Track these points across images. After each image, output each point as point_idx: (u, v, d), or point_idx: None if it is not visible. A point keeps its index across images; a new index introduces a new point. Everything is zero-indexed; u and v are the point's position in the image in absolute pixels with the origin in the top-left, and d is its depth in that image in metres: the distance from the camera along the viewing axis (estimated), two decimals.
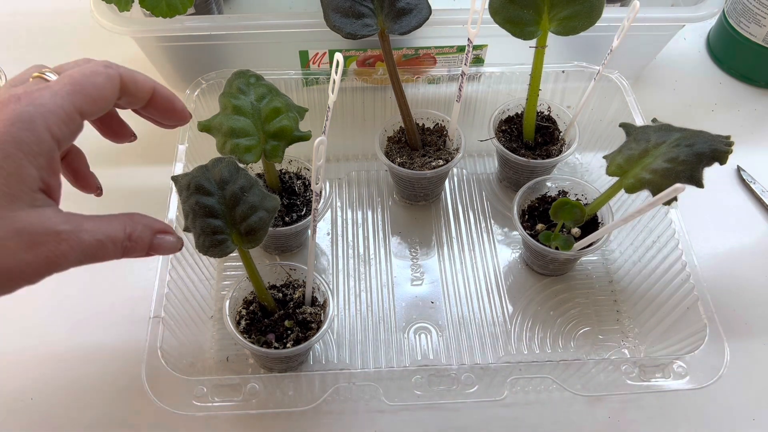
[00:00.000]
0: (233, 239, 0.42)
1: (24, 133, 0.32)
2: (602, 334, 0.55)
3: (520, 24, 0.53)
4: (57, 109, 0.33)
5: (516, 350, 0.54)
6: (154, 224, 0.38)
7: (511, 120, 0.63)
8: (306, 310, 0.48)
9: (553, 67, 0.63)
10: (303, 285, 0.50)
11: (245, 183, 0.42)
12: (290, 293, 0.50)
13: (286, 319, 0.48)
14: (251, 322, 0.48)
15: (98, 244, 0.34)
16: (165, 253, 0.39)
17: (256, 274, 0.46)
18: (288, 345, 0.46)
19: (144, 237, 0.37)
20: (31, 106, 0.32)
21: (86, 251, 0.33)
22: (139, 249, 0.37)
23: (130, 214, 0.37)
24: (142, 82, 0.39)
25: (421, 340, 0.54)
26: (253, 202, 0.41)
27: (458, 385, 0.44)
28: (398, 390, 0.44)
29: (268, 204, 0.42)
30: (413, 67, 0.66)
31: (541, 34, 0.53)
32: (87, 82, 0.35)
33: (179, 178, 0.43)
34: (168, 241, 0.39)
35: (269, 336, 0.47)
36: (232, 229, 0.42)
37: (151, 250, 0.38)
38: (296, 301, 0.49)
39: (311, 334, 0.47)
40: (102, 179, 0.68)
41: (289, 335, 0.47)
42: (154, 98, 0.40)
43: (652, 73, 0.77)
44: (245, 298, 0.50)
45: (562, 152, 0.59)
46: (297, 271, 0.51)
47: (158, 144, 0.59)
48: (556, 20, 0.53)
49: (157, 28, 0.61)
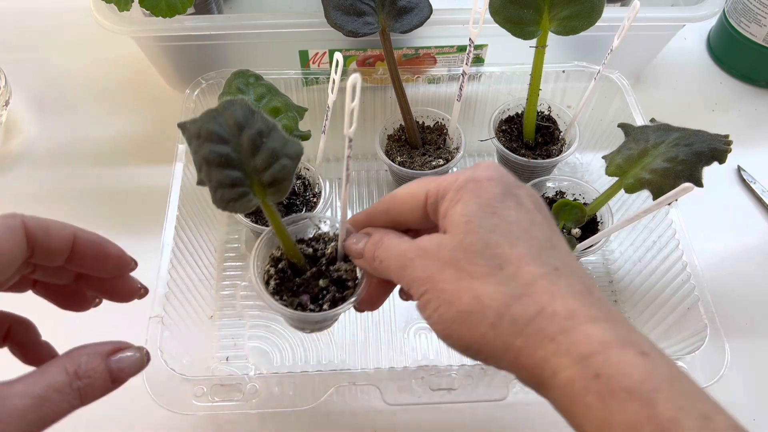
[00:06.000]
0: (255, 191, 0.37)
1: None
2: None
3: (521, 23, 0.53)
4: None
5: None
6: (101, 348, 0.31)
7: (512, 120, 0.63)
8: (341, 267, 0.43)
9: (554, 67, 0.63)
10: (334, 239, 0.44)
11: (263, 127, 0.36)
12: (321, 248, 0.45)
13: (320, 277, 0.43)
14: (281, 281, 0.43)
15: (38, 402, 0.28)
16: (133, 373, 0.32)
17: (283, 229, 0.41)
18: (324, 306, 0.41)
19: (94, 367, 0.30)
20: None
21: (26, 416, 0.27)
22: (99, 383, 0.31)
23: (67, 352, 0.31)
24: (56, 229, 0.33)
25: (422, 340, 0.54)
26: (275, 148, 0.36)
27: (459, 386, 0.44)
28: (398, 390, 0.44)
29: (291, 150, 0.37)
30: (413, 67, 0.66)
31: (541, 34, 0.53)
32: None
33: (187, 125, 0.37)
34: (129, 359, 0.32)
35: (303, 297, 0.42)
36: (253, 179, 0.37)
37: (114, 378, 0.31)
38: (328, 257, 0.44)
39: (348, 294, 0.42)
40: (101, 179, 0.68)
41: (324, 295, 0.42)
42: (77, 247, 0.34)
43: (652, 72, 0.77)
44: (272, 255, 0.44)
45: (563, 152, 0.59)
46: (327, 224, 0.46)
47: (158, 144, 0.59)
48: (556, 20, 0.53)
49: (157, 28, 0.61)
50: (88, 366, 0.30)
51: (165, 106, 0.71)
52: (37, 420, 0.28)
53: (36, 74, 0.74)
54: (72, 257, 0.34)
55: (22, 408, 0.27)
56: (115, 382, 0.31)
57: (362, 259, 0.38)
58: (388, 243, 0.36)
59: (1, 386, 0.28)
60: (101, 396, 0.31)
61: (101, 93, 0.73)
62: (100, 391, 0.31)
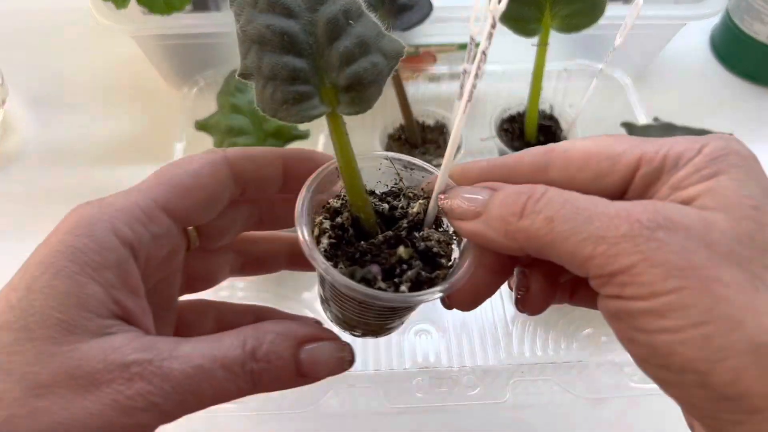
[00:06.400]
0: (323, 95, 0.26)
1: (81, 240, 0.24)
2: (606, 335, 0.54)
3: (522, 21, 0.52)
4: (129, 206, 0.26)
5: (518, 352, 0.53)
6: (296, 330, 0.26)
7: (513, 119, 0.62)
8: (431, 236, 0.29)
9: (556, 66, 0.63)
10: (423, 195, 0.31)
11: (351, 5, 0.26)
12: (402, 206, 0.31)
13: (397, 244, 0.29)
14: (337, 242, 0.29)
15: (198, 373, 0.23)
16: (327, 373, 0.26)
17: (353, 163, 0.28)
18: (403, 288, 0.27)
19: (280, 351, 0.25)
20: (95, 207, 0.25)
21: (179, 387, 0.23)
22: (280, 373, 0.25)
23: (256, 324, 0.26)
24: (261, 155, 0.29)
25: (422, 341, 0.54)
26: (364, 36, 0.26)
27: (460, 388, 0.44)
28: (399, 392, 0.43)
29: (387, 45, 0.27)
30: (413, 65, 0.66)
31: (542, 32, 0.53)
32: (175, 171, 0.28)
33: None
34: (326, 355, 0.26)
35: (372, 269, 0.27)
36: (325, 76, 0.26)
37: (302, 372, 0.25)
38: (412, 220, 0.30)
39: (440, 275, 0.28)
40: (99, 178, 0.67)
41: (404, 271, 0.28)
42: (290, 170, 0.30)
43: (655, 71, 0.76)
44: (328, 205, 0.31)
45: None
46: (415, 173, 0.32)
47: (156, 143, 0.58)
48: (557, 17, 0.52)
49: (155, 26, 0.60)
50: (272, 348, 0.25)
51: (163, 104, 0.70)
52: (192, 396, 0.23)
53: (33, 73, 0.74)
54: (286, 184, 0.30)
55: (177, 376, 0.23)
56: (303, 376, 0.26)
57: (480, 220, 0.26)
58: (558, 194, 0.24)
59: (168, 343, 0.24)
60: (283, 388, 0.25)
61: (99, 91, 0.72)
62: (281, 382, 0.25)
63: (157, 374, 0.23)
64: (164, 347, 0.23)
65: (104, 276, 0.24)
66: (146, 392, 0.22)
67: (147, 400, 0.22)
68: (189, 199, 0.27)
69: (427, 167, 0.32)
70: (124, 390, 0.22)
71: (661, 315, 0.21)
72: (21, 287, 0.23)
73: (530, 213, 0.24)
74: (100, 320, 0.23)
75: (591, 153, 0.26)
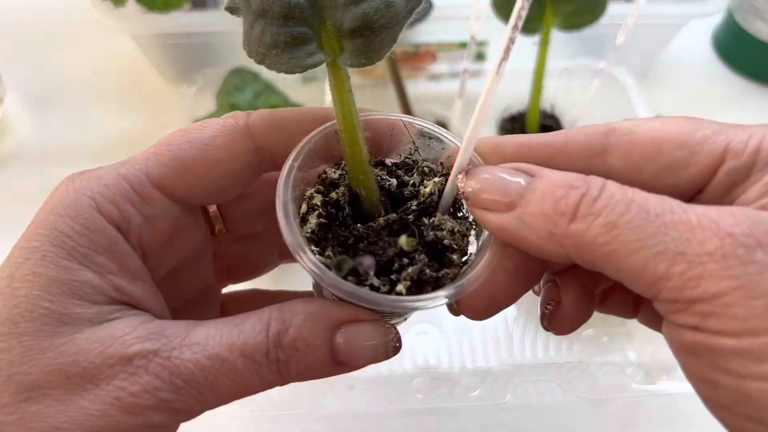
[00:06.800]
0: (323, 40, 0.21)
1: (64, 222, 0.21)
2: (607, 336, 0.54)
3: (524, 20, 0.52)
4: (116, 181, 0.22)
5: (519, 353, 0.53)
6: (331, 312, 0.21)
7: (515, 118, 0.62)
8: (443, 224, 0.24)
9: (557, 65, 0.62)
10: (441, 172, 0.26)
11: None
12: (414, 183, 0.26)
13: (401, 231, 0.24)
14: (329, 222, 0.24)
15: (213, 364, 0.20)
16: (367, 361, 0.22)
17: (355, 127, 0.23)
18: (399, 287, 0.22)
19: (310, 337, 0.21)
20: (82, 181, 0.22)
21: (193, 381, 0.19)
22: (308, 360, 0.21)
23: (283, 303, 0.22)
24: (293, 119, 0.24)
25: (423, 342, 0.54)
26: None
27: (460, 389, 0.43)
28: (399, 393, 0.43)
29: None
30: (413, 64, 0.65)
31: (544, 30, 0.52)
32: (181, 140, 0.23)
33: None
34: (366, 336, 0.22)
35: (365, 260, 0.23)
36: (326, 16, 0.21)
37: (337, 358, 0.21)
38: (424, 202, 0.25)
39: (448, 275, 0.23)
40: None
41: (404, 266, 0.23)
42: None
43: (657, 70, 0.76)
44: (325, 174, 0.26)
45: None
46: (433, 143, 0.27)
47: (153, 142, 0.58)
48: (559, 15, 0.52)
49: (154, 25, 0.60)
50: (302, 332, 0.21)
51: (162, 103, 0.70)
52: (209, 391, 0.20)
53: (31, 72, 0.73)
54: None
55: (191, 367, 0.19)
56: (339, 364, 0.21)
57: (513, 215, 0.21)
58: (621, 192, 0.19)
59: (180, 328, 0.20)
60: (316, 377, 0.21)
61: (97, 90, 0.72)
62: (314, 372, 0.21)
63: (165, 367, 0.19)
64: (175, 333, 0.20)
65: (97, 261, 0.21)
66: (153, 388, 0.19)
67: (155, 397, 0.19)
68: (192, 176, 0.23)
69: (448, 137, 0.26)
70: (128, 386, 0.19)
71: (760, 358, 0.17)
72: (3, 276, 0.20)
73: (585, 215, 0.19)
74: (97, 307, 0.20)
75: (662, 139, 0.21)
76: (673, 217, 0.18)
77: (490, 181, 0.21)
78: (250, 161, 0.24)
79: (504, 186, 0.21)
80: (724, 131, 0.21)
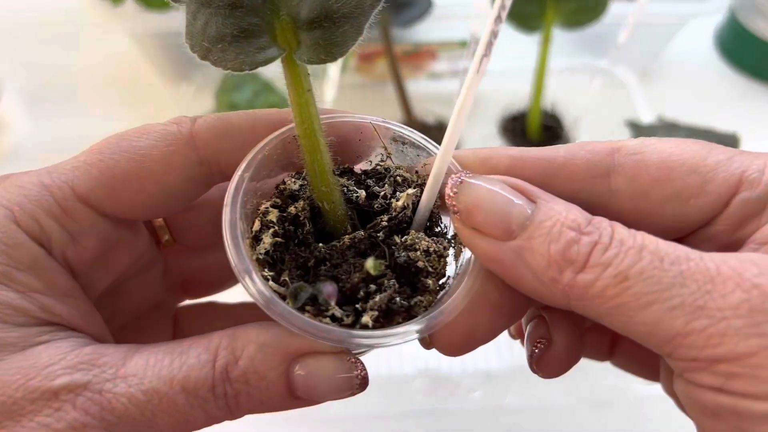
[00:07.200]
0: (276, 33, 0.18)
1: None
2: None
3: (525, 18, 0.52)
4: (38, 193, 0.20)
5: (519, 354, 0.52)
6: (289, 342, 0.19)
7: (516, 118, 0.62)
8: (417, 243, 0.21)
9: (558, 64, 0.62)
10: (417, 182, 0.24)
11: None
12: (385, 194, 0.23)
13: (369, 251, 0.21)
14: (286, 241, 0.21)
15: (149, 400, 0.17)
16: (331, 397, 0.20)
17: (316, 132, 0.20)
18: (364, 319, 0.20)
19: (264, 370, 0.18)
20: (1, 190, 0.20)
21: (127, 418, 0.17)
22: (260, 395, 0.19)
23: (236, 329, 0.19)
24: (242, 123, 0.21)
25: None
26: None
27: (461, 390, 0.43)
28: (399, 395, 0.43)
29: None
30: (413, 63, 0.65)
31: (545, 28, 0.52)
32: (115, 148, 0.21)
33: None
34: (327, 371, 0.19)
35: (326, 288, 0.20)
36: (281, 5, 0.18)
37: (295, 394, 0.19)
38: (395, 217, 0.22)
39: (422, 303, 0.21)
40: None
41: (371, 293, 0.20)
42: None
43: (659, 68, 0.75)
44: (283, 185, 0.23)
45: None
46: (407, 149, 0.24)
47: None
48: (560, 14, 0.52)
49: (153, 23, 0.60)
50: (252, 365, 0.18)
51: (160, 102, 0.70)
52: (146, 427, 0.17)
53: (29, 70, 0.73)
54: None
55: (125, 403, 0.17)
56: (296, 399, 0.19)
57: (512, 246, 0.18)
58: (630, 237, 0.17)
59: (117, 355, 0.18)
60: (271, 412, 0.20)
61: (96, 89, 0.71)
62: (268, 406, 0.19)
63: (96, 402, 0.17)
64: (110, 362, 0.18)
65: (17, 279, 0.18)
66: (82, 425, 0.17)
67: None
68: (123, 191, 0.20)
69: (426, 144, 0.24)
70: (52, 423, 0.17)
71: None
72: None
73: (595, 265, 0.17)
74: (21, 330, 0.18)
75: (673, 162, 0.19)
76: (689, 266, 0.16)
77: (488, 200, 0.19)
78: (192, 175, 0.21)
79: (505, 210, 0.18)
80: (736, 157, 0.19)
